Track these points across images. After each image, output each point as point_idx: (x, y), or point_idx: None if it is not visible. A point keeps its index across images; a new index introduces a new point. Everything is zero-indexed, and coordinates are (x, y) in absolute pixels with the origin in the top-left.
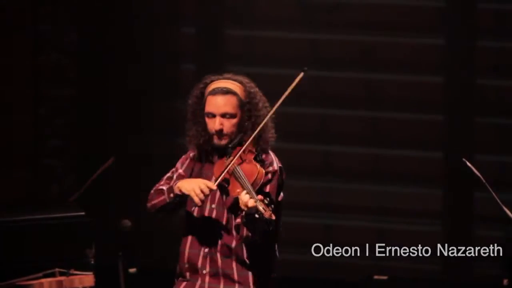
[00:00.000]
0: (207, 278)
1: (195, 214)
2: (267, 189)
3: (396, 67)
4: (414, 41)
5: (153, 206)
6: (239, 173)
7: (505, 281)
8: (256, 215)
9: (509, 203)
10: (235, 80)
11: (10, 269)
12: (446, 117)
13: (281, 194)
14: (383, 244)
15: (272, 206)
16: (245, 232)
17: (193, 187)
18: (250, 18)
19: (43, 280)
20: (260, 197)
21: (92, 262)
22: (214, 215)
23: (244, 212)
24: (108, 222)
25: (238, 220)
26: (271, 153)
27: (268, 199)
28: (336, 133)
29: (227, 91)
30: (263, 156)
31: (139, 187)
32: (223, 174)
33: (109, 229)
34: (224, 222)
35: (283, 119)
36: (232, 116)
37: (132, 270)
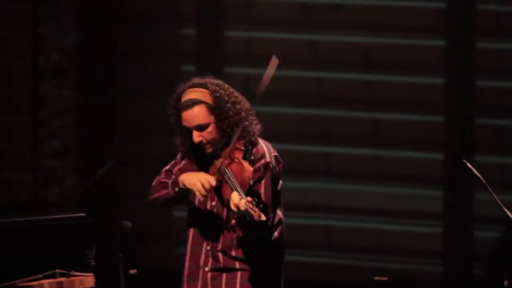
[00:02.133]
0: (209, 275)
1: (196, 211)
2: (260, 186)
3: (396, 68)
4: (414, 42)
5: (157, 199)
6: (228, 174)
7: (506, 283)
8: (247, 217)
9: (510, 204)
10: (200, 86)
11: (11, 270)
12: (447, 118)
13: (280, 182)
14: (384, 245)
15: (261, 206)
16: (240, 233)
17: (195, 181)
18: (250, 19)
19: (43, 281)
20: (249, 198)
21: (93, 263)
22: (214, 212)
23: (235, 214)
24: (108, 224)
25: (233, 221)
26: (262, 144)
27: (256, 199)
28: (336, 134)
29: (193, 103)
30: (254, 150)
31: (140, 188)
32: (215, 178)
33: (109, 230)
34: (224, 220)
35: (283, 121)
36: (206, 125)
37: (133, 271)
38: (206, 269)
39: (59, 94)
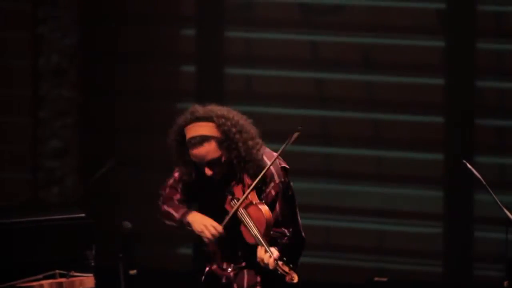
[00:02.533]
0: (232, 274)
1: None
2: (275, 207)
3: (396, 69)
4: (415, 43)
5: (165, 223)
6: (247, 221)
7: (506, 283)
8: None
9: (510, 205)
10: (206, 120)
11: (11, 271)
12: (447, 118)
13: (291, 187)
14: (384, 246)
15: (291, 265)
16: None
17: (203, 229)
18: (250, 20)
19: (43, 281)
20: (276, 255)
21: (93, 263)
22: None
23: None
24: (108, 224)
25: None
26: (268, 162)
27: (285, 258)
28: (336, 135)
29: (201, 141)
30: (263, 174)
31: (140, 188)
32: (228, 218)
33: (109, 231)
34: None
35: (284, 122)
36: (218, 159)
37: (133, 271)
38: (229, 270)
39: (59, 95)
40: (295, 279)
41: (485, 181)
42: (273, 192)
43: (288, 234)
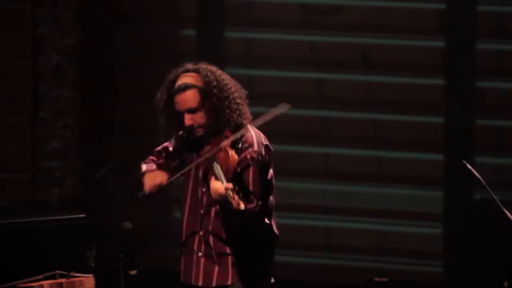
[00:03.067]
0: (202, 260)
1: (188, 196)
2: (248, 174)
3: (396, 69)
4: (415, 43)
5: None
6: (213, 162)
7: (506, 284)
8: (226, 205)
9: (510, 205)
10: (194, 71)
11: (11, 271)
12: (447, 119)
13: (270, 171)
14: (384, 246)
15: (241, 194)
16: (224, 219)
17: (149, 183)
18: (250, 20)
19: (43, 282)
20: (229, 185)
21: (93, 264)
22: (205, 198)
23: (216, 201)
24: (108, 224)
25: (217, 207)
26: (252, 132)
27: (237, 187)
28: (336, 135)
29: (185, 87)
30: (244, 138)
31: (140, 189)
32: (190, 166)
33: (109, 231)
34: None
35: (284, 122)
36: (197, 109)
37: (133, 272)
38: (200, 254)
39: (59, 95)
40: (241, 205)
41: (485, 182)
42: (248, 157)
43: (255, 203)
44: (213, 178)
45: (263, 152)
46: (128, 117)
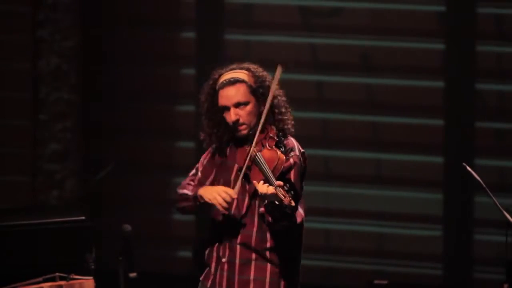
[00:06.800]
0: (225, 266)
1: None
2: (290, 175)
3: (396, 72)
4: (415, 46)
5: (182, 209)
6: (259, 159)
7: (506, 286)
8: (276, 202)
9: (509, 207)
10: (241, 69)
11: (10, 274)
12: (446, 121)
13: (303, 179)
14: (384, 249)
15: (292, 192)
16: (270, 219)
17: (215, 196)
18: (250, 23)
19: (43, 284)
20: (279, 183)
21: (92, 266)
22: (234, 205)
23: (265, 200)
24: (108, 227)
25: (262, 209)
26: (292, 139)
27: (287, 185)
28: (336, 137)
29: (234, 81)
30: (285, 141)
31: (140, 191)
32: (245, 164)
33: (109, 234)
34: (244, 211)
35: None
36: (245, 103)
37: (133, 274)
38: (223, 260)
39: (59, 97)
40: (293, 202)
41: (484, 184)
42: (291, 160)
43: (293, 203)
44: (259, 177)
45: (302, 158)
46: (128, 119)
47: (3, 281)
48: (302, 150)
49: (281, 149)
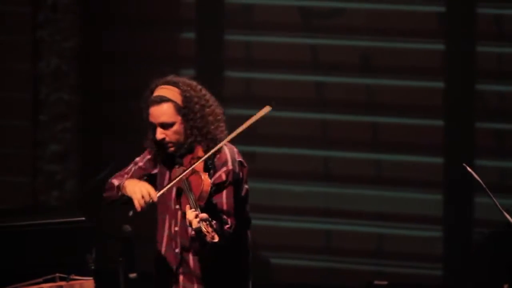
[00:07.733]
0: (181, 278)
1: (165, 213)
2: (221, 194)
3: (396, 72)
4: (415, 46)
5: (106, 198)
6: (186, 186)
7: (505, 286)
8: (200, 234)
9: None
10: (173, 85)
11: (11, 274)
12: (446, 122)
13: (245, 187)
14: (384, 249)
15: (215, 227)
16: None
17: (136, 190)
18: (250, 24)
19: (43, 285)
20: (203, 215)
21: (92, 267)
22: (179, 217)
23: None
24: (108, 227)
25: (193, 232)
26: (226, 150)
27: (210, 219)
28: (336, 138)
29: (161, 100)
30: (217, 157)
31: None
32: (167, 187)
33: (109, 234)
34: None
35: (283, 125)
36: (171, 124)
37: (133, 275)
38: (179, 271)
39: (59, 98)
40: (215, 238)
41: (485, 185)
42: (223, 176)
43: (229, 224)
44: (187, 207)
45: (237, 170)
46: (127, 120)
47: (4, 281)
48: (239, 159)
49: (210, 167)
